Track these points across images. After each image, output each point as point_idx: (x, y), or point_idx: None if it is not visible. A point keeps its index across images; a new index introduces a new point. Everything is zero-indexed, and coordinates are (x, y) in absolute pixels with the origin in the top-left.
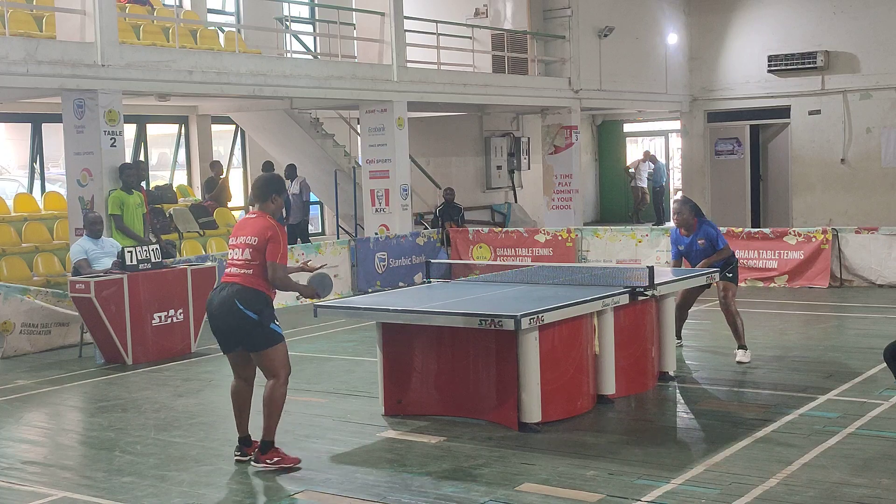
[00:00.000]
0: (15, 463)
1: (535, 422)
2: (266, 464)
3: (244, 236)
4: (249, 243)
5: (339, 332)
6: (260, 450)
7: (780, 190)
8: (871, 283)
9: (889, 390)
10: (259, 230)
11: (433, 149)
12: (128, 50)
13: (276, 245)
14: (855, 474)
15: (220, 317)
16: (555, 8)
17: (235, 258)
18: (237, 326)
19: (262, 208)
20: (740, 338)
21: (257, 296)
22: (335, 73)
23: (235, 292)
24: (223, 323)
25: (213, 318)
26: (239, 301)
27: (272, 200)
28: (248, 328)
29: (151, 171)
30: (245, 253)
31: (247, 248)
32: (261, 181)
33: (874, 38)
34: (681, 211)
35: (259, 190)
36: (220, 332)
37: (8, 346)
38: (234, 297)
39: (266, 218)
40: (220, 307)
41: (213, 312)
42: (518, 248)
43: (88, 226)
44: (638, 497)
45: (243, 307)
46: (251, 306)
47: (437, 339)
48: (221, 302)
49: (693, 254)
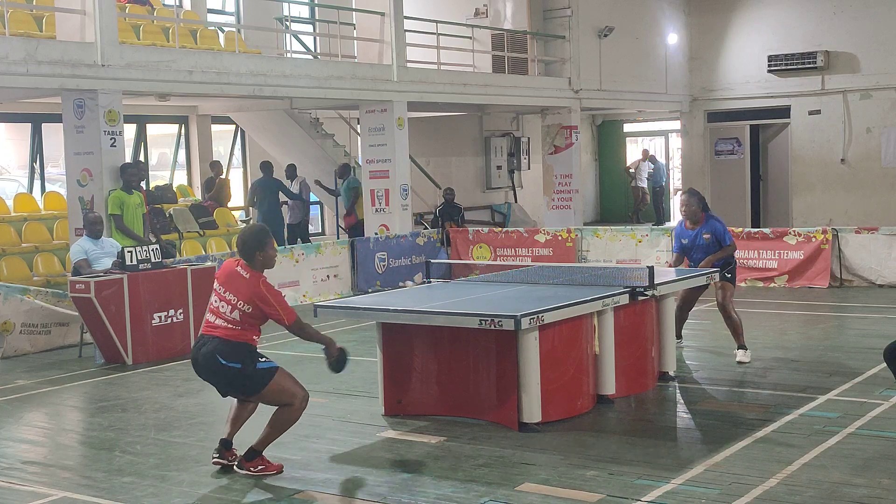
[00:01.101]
0: (15, 463)
1: (535, 422)
2: (250, 471)
3: (234, 296)
4: (241, 308)
5: (339, 332)
6: (245, 456)
7: (780, 190)
8: (871, 283)
9: (889, 390)
10: (251, 296)
11: (433, 149)
12: (128, 50)
13: (278, 314)
14: (855, 474)
15: (208, 372)
16: (555, 8)
17: (222, 311)
18: (225, 380)
19: (249, 264)
20: (739, 338)
21: (239, 347)
22: (335, 73)
23: (216, 347)
24: (212, 378)
25: (200, 373)
26: (220, 356)
27: (255, 258)
28: (237, 380)
29: (151, 171)
30: (234, 314)
31: (237, 310)
32: (242, 240)
33: (874, 38)
34: (689, 202)
35: (243, 248)
36: (212, 384)
37: (8, 346)
38: (216, 352)
39: (257, 281)
40: (204, 363)
41: (199, 368)
42: (518, 248)
43: (89, 226)
44: (638, 497)
45: (225, 361)
46: (232, 358)
47: (437, 339)
48: (205, 358)
49: (696, 248)
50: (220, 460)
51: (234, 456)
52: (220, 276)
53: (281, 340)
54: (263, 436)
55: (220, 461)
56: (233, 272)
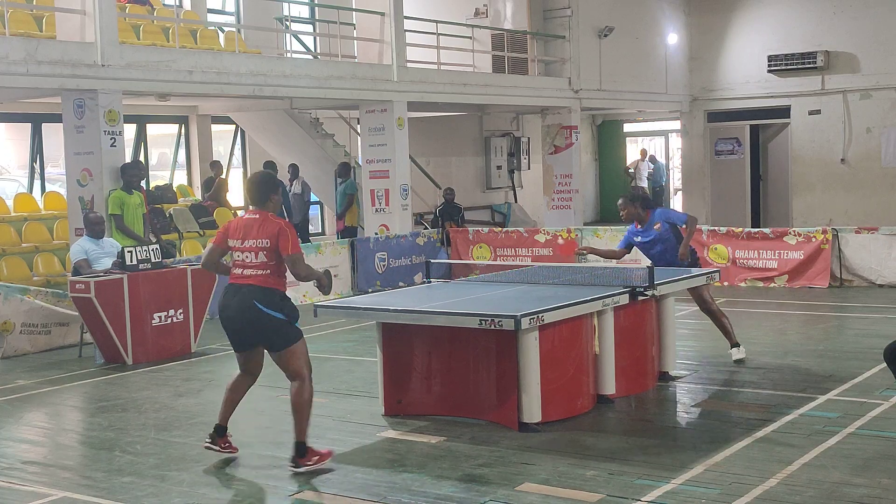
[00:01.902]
0: (15, 463)
1: (535, 422)
2: (307, 466)
3: (253, 239)
4: (262, 246)
5: (339, 332)
6: (297, 454)
7: (780, 190)
8: (871, 283)
9: (889, 390)
10: (268, 232)
11: (433, 149)
12: (128, 50)
13: (287, 240)
14: (855, 474)
15: (242, 319)
16: (555, 8)
17: (248, 261)
18: (261, 327)
19: (261, 209)
20: (730, 335)
21: (275, 294)
22: (335, 73)
23: (253, 293)
24: (245, 325)
25: (231, 321)
26: (259, 302)
27: (270, 200)
28: (273, 327)
29: (151, 171)
30: (259, 256)
31: (260, 251)
32: (255, 184)
33: (874, 38)
34: (624, 207)
35: (255, 193)
36: (238, 333)
37: (8, 346)
38: (253, 297)
39: (269, 217)
40: (240, 310)
41: (231, 315)
42: (518, 248)
43: (90, 226)
44: (638, 497)
45: (266, 308)
46: (274, 306)
47: (437, 339)
48: (241, 304)
49: (653, 242)
50: (211, 446)
51: (226, 444)
52: (235, 231)
53: None
54: (297, 426)
55: (211, 447)
56: (243, 221)
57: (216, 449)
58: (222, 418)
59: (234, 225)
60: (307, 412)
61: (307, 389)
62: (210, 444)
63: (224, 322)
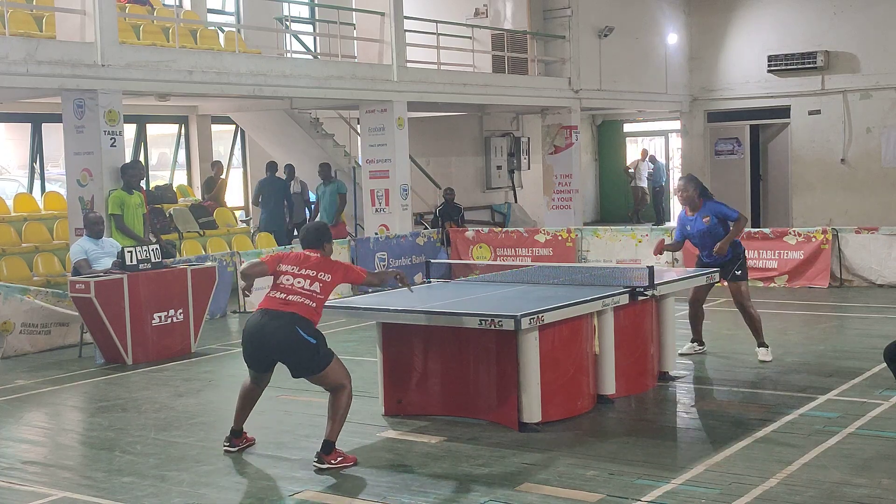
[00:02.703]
0: (15, 463)
1: (535, 422)
2: (331, 464)
3: (313, 270)
4: (322, 279)
5: (340, 332)
6: (323, 450)
7: (780, 190)
8: (871, 283)
9: (889, 390)
10: (332, 269)
11: (433, 149)
12: (128, 50)
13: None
14: (855, 474)
15: (278, 343)
16: (555, 8)
17: (299, 287)
18: (296, 352)
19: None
20: (759, 335)
21: (312, 325)
22: (335, 73)
23: (296, 320)
24: (279, 348)
25: (264, 343)
26: (300, 328)
27: (323, 248)
28: (306, 353)
29: (151, 171)
30: (314, 285)
31: (317, 281)
32: (311, 234)
33: (874, 38)
34: (684, 188)
35: (311, 241)
36: (267, 355)
37: (8, 346)
38: (296, 324)
39: (330, 259)
40: (277, 334)
41: (266, 338)
42: (518, 248)
43: (90, 226)
44: (638, 497)
45: (305, 334)
46: (310, 332)
47: (437, 339)
48: (280, 329)
49: (698, 234)
50: (230, 449)
51: (244, 441)
52: (292, 260)
53: None
54: (331, 426)
55: (230, 449)
56: (305, 255)
57: (235, 450)
58: (237, 422)
59: (293, 255)
60: (343, 417)
61: (346, 396)
62: (229, 447)
63: (255, 341)
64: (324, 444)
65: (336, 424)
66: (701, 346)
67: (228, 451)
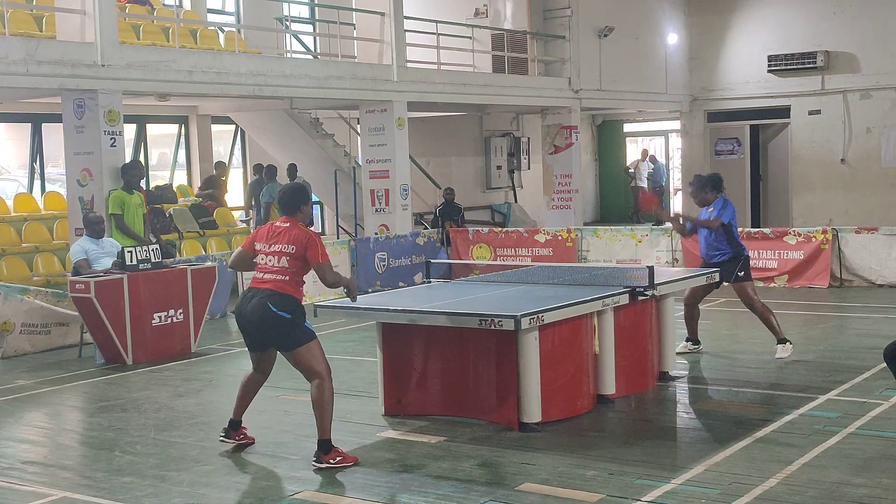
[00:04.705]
0: (15, 463)
1: (535, 422)
2: (329, 463)
3: (279, 244)
4: (286, 251)
5: (339, 332)
6: (321, 450)
7: (780, 190)
8: (871, 283)
9: (889, 390)
10: (295, 239)
11: (433, 149)
12: (128, 50)
13: (315, 249)
14: (855, 474)
15: (254, 320)
16: (555, 8)
17: (269, 265)
18: (271, 328)
19: (291, 217)
20: (777, 332)
21: (289, 299)
22: (335, 73)
23: (268, 296)
24: (257, 326)
25: (245, 322)
26: (272, 304)
27: (300, 211)
28: (282, 329)
29: (151, 171)
30: (281, 260)
31: (283, 255)
32: (287, 194)
33: (874, 38)
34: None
35: (287, 203)
36: (251, 334)
37: (8, 346)
38: (267, 300)
39: (299, 226)
40: (253, 311)
41: (245, 316)
42: (518, 248)
43: (90, 226)
44: (638, 497)
45: (276, 309)
46: (284, 307)
47: (437, 339)
48: (255, 306)
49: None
50: (226, 440)
51: (241, 435)
52: (262, 236)
53: None
54: (319, 424)
55: (226, 440)
56: (274, 227)
57: (231, 442)
58: (236, 413)
59: (263, 230)
60: (329, 410)
61: (327, 388)
62: (224, 438)
63: (239, 321)
64: (319, 443)
65: (325, 420)
66: (696, 346)
67: (224, 441)
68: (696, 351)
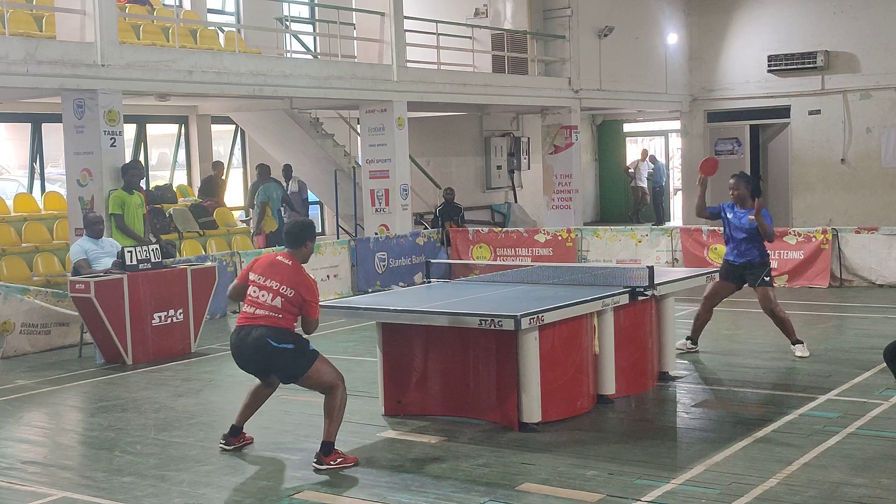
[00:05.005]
0: (15, 463)
1: (535, 422)
2: (330, 465)
3: (277, 282)
4: (284, 293)
5: (339, 332)
6: (322, 451)
7: (780, 190)
8: (871, 283)
9: (889, 390)
10: (295, 282)
11: (433, 149)
12: (128, 50)
13: (313, 304)
14: (855, 474)
15: (258, 359)
16: (555, 8)
17: (262, 300)
18: (277, 362)
19: (293, 253)
20: (792, 334)
21: (286, 332)
22: (335, 73)
23: (265, 332)
24: (261, 364)
25: (247, 361)
26: (272, 339)
27: (305, 246)
28: (287, 360)
29: (151, 171)
30: (276, 300)
31: (279, 296)
32: (297, 228)
33: (874, 38)
34: (736, 186)
35: (294, 236)
36: (255, 370)
37: (8, 346)
38: (267, 336)
39: (301, 269)
40: (255, 350)
41: (247, 356)
42: (518, 248)
43: (90, 226)
44: (638, 497)
45: (277, 343)
46: (284, 340)
47: (437, 339)
48: (255, 345)
49: (739, 228)
50: (225, 447)
51: (241, 440)
52: (259, 267)
53: None
54: (327, 428)
55: (225, 448)
56: (274, 261)
57: (230, 448)
58: (239, 420)
59: (260, 261)
60: (339, 416)
61: (339, 395)
62: (224, 445)
63: (239, 361)
64: (322, 445)
65: (333, 425)
66: (694, 346)
67: (224, 448)
68: (694, 351)
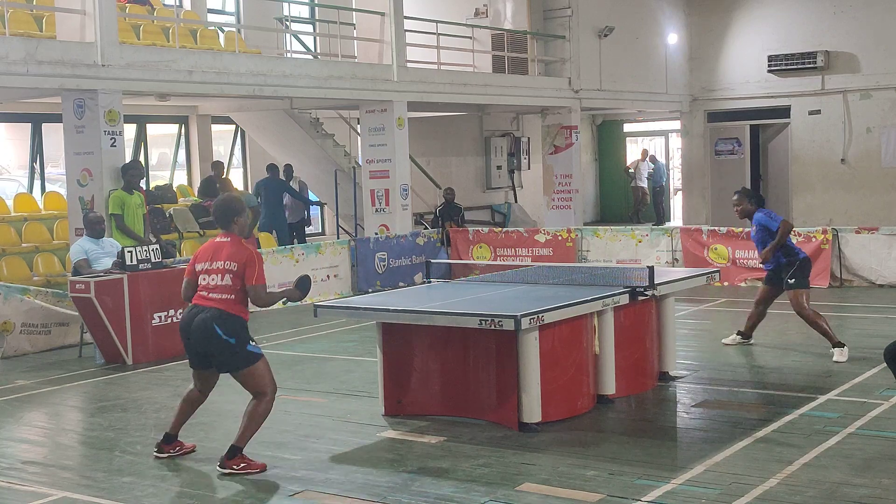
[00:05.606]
0: (15, 463)
1: (535, 422)
2: (233, 469)
3: (221, 261)
4: (229, 269)
5: (339, 332)
6: (228, 454)
7: (780, 190)
8: (871, 283)
9: (889, 390)
10: (236, 255)
11: (433, 149)
12: (128, 50)
13: (253, 269)
14: (855, 474)
15: (198, 339)
16: (555, 8)
17: (213, 283)
18: (214, 350)
19: (229, 232)
20: (831, 338)
21: (235, 320)
22: (335, 73)
23: (214, 317)
24: (200, 345)
25: (188, 339)
26: (217, 325)
27: (235, 223)
28: (225, 352)
29: (151, 171)
30: (225, 278)
31: (226, 273)
32: (220, 209)
33: (874, 38)
34: (738, 202)
35: (220, 217)
36: (193, 352)
37: (8, 346)
38: (213, 321)
39: (240, 242)
40: (197, 330)
41: (189, 333)
42: (518, 248)
43: (90, 226)
44: (638, 497)
45: (221, 332)
46: (229, 331)
47: (437, 339)
48: (199, 325)
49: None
50: (159, 455)
51: (177, 447)
52: (203, 255)
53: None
54: (242, 431)
55: (159, 456)
56: (214, 244)
57: (164, 456)
58: (174, 428)
59: (201, 250)
60: (257, 424)
61: (264, 405)
62: (157, 454)
63: (182, 337)
64: (230, 448)
65: (247, 431)
66: (745, 339)
67: (157, 457)
68: (746, 343)
